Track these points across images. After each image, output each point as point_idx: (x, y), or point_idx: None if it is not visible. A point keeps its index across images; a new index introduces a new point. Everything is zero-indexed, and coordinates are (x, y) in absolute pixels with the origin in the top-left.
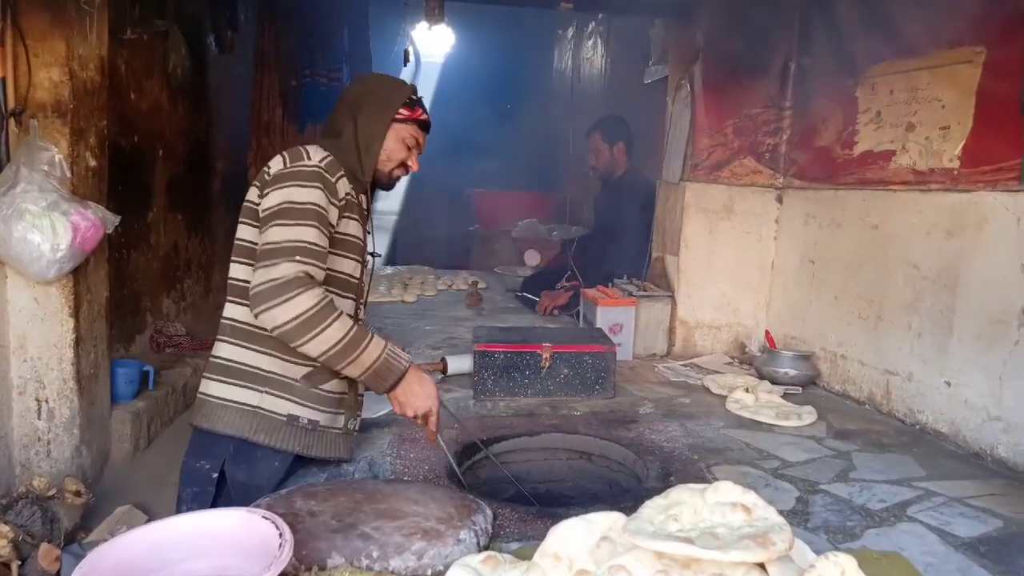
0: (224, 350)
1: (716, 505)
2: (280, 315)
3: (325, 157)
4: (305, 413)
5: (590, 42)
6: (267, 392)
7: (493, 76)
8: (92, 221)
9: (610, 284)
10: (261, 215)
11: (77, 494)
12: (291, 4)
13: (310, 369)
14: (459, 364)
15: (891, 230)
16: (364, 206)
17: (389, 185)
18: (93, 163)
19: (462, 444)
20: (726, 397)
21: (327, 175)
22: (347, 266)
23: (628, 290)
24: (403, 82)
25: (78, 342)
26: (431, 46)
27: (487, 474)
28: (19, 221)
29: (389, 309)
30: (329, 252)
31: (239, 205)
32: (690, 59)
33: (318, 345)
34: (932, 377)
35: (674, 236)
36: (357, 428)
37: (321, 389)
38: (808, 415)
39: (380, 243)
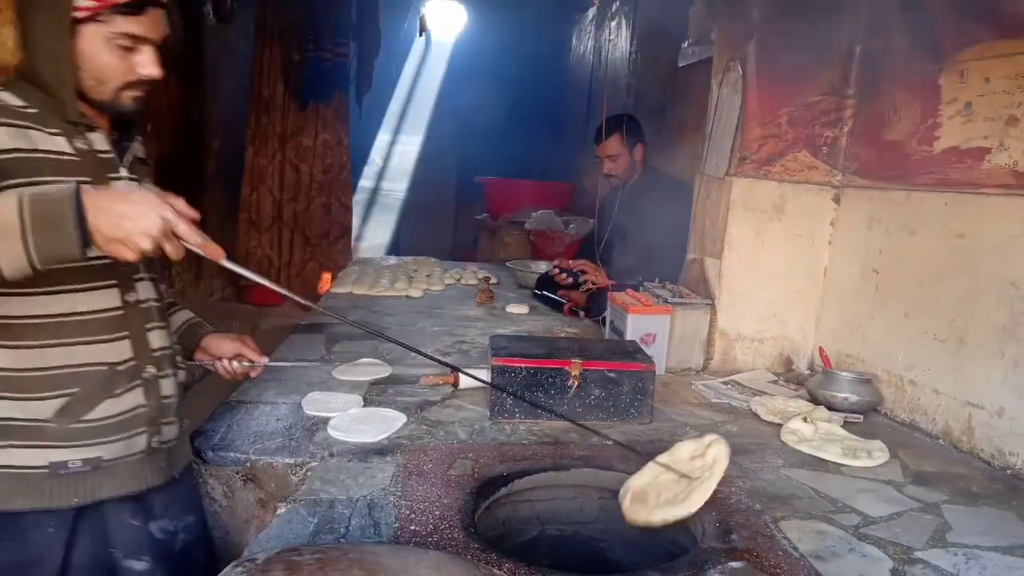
0: None
1: None
2: None
3: None
4: (75, 455)
5: (614, 23)
6: (13, 445)
7: (506, 58)
8: None
9: (641, 288)
10: None
11: None
12: None
13: (65, 400)
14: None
15: (982, 240)
16: (103, 150)
17: (130, 114)
18: None
19: (480, 480)
20: (779, 425)
21: None
22: None
23: (662, 296)
24: None
25: None
26: (443, 25)
27: (506, 514)
28: None
29: (393, 305)
30: None
31: (236, 186)
32: (742, 38)
33: None
34: None
35: (716, 237)
36: (174, 436)
37: (88, 422)
38: (879, 453)
39: (383, 230)
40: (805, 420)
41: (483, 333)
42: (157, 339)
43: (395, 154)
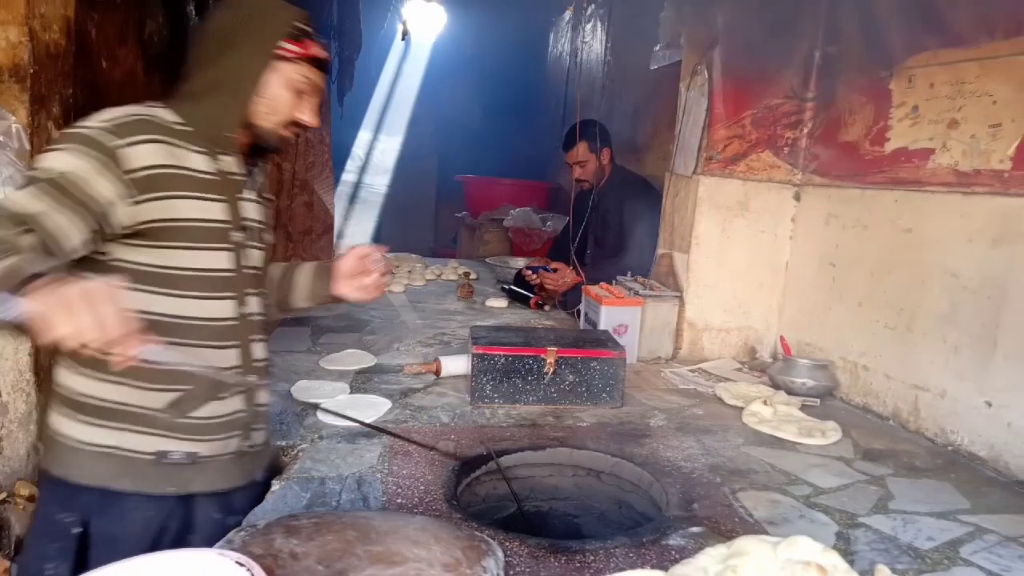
0: (67, 378)
1: (787, 562)
2: None
3: (120, 117)
4: (178, 447)
5: (589, 25)
6: (127, 429)
7: (485, 58)
8: None
9: (613, 281)
10: None
11: (31, 499)
12: None
13: (178, 395)
14: (454, 365)
15: (927, 235)
16: (234, 172)
17: (276, 146)
18: (57, 135)
19: (462, 458)
20: (741, 408)
21: (107, 138)
22: (199, 260)
23: (634, 288)
24: (285, 5)
25: None
26: (422, 25)
27: (486, 491)
28: None
29: (375, 300)
30: (149, 246)
31: None
32: (708, 44)
33: None
34: (970, 396)
35: (684, 232)
36: (261, 441)
37: (194, 418)
38: (832, 432)
39: (365, 227)
40: (765, 403)
41: (463, 325)
42: (259, 351)
43: (376, 152)
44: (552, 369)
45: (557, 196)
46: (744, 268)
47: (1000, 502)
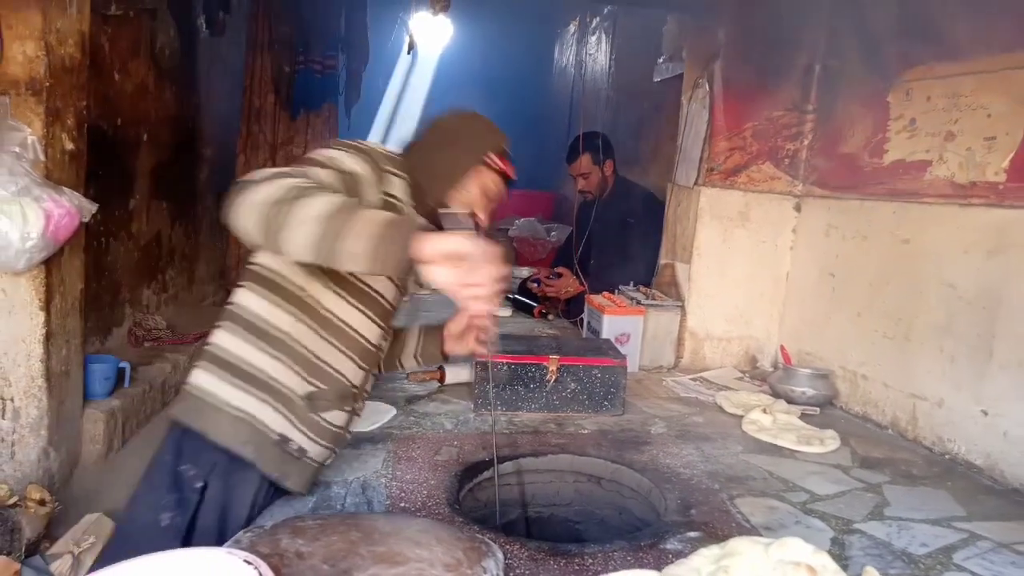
0: (227, 341)
1: (779, 563)
2: (244, 200)
3: (386, 151)
4: (298, 438)
5: (594, 38)
6: (267, 402)
7: (491, 71)
8: (67, 209)
9: (616, 291)
10: None
11: (41, 503)
12: None
13: (315, 389)
14: (457, 373)
15: (924, 246)
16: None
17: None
18: (70, 146)
19: (464, 465)
20: (741, 417)
21: (374, 158)
22: (380, 283)
23: (636, 298)
24: (500, 131)
25: (48, 337)
26: (429, 38)
27: (487, 496)
28: None
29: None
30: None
31: (226, 193)
32: (709, 57)
33: (302, 214)
34: (966, 405)
35: (686, 243)
36: (326, 462)
37: (320, 416)
38: (831, 440)
39: None
40: (764, 411)
41: None
42: (370, 383)
43: None
44: (554, 377)
45: (561, 206)
46: (745, 278)
47: (995, 509)
